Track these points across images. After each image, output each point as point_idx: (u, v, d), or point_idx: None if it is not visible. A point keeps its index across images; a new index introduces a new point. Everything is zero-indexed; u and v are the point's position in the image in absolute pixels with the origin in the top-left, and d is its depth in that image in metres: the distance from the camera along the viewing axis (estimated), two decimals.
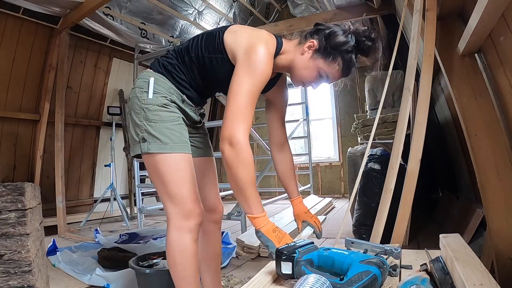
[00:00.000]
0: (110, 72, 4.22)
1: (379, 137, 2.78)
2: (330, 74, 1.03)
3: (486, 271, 0.68)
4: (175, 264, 0.98)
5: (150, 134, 0.98)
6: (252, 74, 0.92)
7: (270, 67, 0.96)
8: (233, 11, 4.74)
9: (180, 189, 0.98)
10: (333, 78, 1.05)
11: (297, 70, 1.04)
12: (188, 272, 0.98)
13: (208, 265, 1.19)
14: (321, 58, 1.01)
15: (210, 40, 1.04)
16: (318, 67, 1.01)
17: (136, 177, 3.33)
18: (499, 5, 1.05)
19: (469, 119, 1.44)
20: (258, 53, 0.94)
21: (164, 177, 0.98)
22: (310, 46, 1.02)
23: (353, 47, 1.00)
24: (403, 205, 1.44)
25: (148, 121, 0.99)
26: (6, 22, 3.04)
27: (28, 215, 1.17)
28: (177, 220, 0.98)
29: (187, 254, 0.98)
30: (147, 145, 0.98)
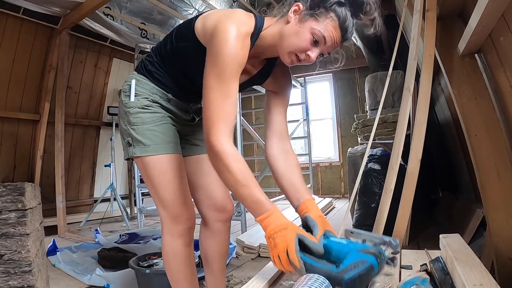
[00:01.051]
0: (110, 72, 4.22)
1: (379, 137, 2.78)
2: (326, 34, 0.82)
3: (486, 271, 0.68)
4: (170, 268, 0.99)
5: (133, 138, 0.96)
6: (216, 63, 0.80)
7: (239, 49, 0.81)
8: None
9: (167, 192, 0.95)
10: (331, 41, 0.84)
11: (286, 40, 0.84)
12: (183, 276, 0.99)
13: (212, 265, 1.14)
14: (310, 18, 0.82)
15: (183, 29, 0.95)
16: (310, 28, 0.82)
17: (136, 177, 3.33)
18: (499, 5, 1.06)
19: (469, 119, 1.44)
20: (221, 35, 0.80)
21: (152, 180, 0.96)
22: (296, 10, 0.84)
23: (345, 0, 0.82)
24: (403, 205, 1.45)
25: (131, 125, 0.96)
26: (6, 22, 3.04)
27: (28, 215, 1.17)
28: (168, 225, 0.97)
29: (180, 258, 0.97)
30: (132, 149, 0.96)
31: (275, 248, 0.72)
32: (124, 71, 4.40)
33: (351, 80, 5.32)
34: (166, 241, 0.97)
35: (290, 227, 0.73)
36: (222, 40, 0.79)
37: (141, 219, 3.17)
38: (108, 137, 3.89)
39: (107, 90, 4.24)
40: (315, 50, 0.85)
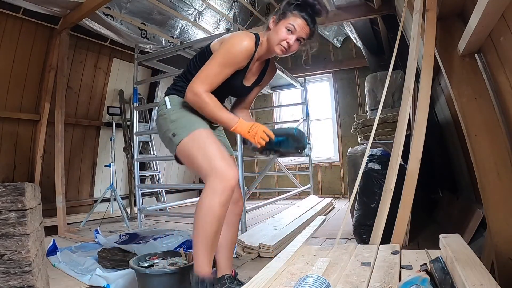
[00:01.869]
0: (110, 72, 4.22)
1: (379, 137, 2.78)
2: (294, 23, 1.24)
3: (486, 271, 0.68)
4: (203, 219, 1.11)
5: (176, 129, 1.24)
6: (222, 51, 1.23)
7: (241, 49, 1.23)
8: (233, 11, 4.74)
9: (213, 148, 1.18)
10: (299, 28, 1.24)
11: (271, 39, 1.28)
12: (214, 229, 1.11)
13: (224, 250, 1.38)
14: (282, 19, 1.26)
15: (201, 54, 1.35)
16: (283, 24, 1.25)
17: (136, 177, 3.33)
18: (499, 5, 1.06)
19: (469, 119, 1.44)
20: (232, 39, 1.25)
21: (198, 148, 1.19)
22: (272, 21, 1.30)
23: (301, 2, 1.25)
24: (403, 205, 1.45)
25: (172, 122, 1.26)
26: (6, 22, 3.03)
27: (28, 215, 1.17)
28: (213, 181, 1.12)
29: (214, 214, 1.10)
30: (178, 137, 1.22)
31: (257, 134, 1.20)
32: (124, 71, 4.40)
33: (351, 80, 5.32)
34: (206, 195, 1.11)
35: (256, 123, 1.24)
36: (233, 41, 1.24)
37: (141, 219, 3.17)
38: (108, 137, 3.88)
39: (107, 90, 4.23)
40: (292, 37, 1.25)
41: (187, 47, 3.04)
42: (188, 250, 1.62)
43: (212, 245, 1.14)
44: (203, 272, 1.12)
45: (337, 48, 5.42)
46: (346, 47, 5.36)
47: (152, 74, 4.79)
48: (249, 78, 1.43)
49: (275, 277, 0.84)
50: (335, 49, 5.45)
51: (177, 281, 1.34)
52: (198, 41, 3.07)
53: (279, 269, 0.89)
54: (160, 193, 4.65)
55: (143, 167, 4.56)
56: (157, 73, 4.60)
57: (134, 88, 3.41)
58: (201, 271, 1.12)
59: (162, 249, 1.70)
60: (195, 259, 1.14)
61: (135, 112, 3.70)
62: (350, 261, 1.02)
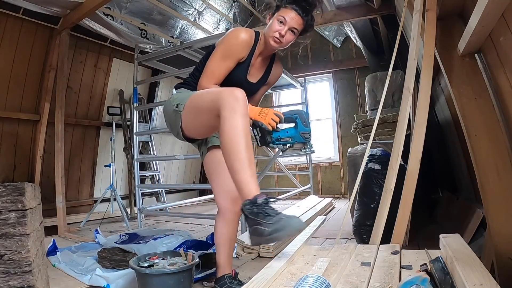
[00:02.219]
0: (110, 72, 4.22)
1: (379, 137, 2.78)
2: (285, 15, 1.30)
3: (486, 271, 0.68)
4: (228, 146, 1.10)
5: (179, 101, 1.31)
6: (221, 45, 1.33)
7: (238, 40, 1.31)
8: (233, 11, 4.74)
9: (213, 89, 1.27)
10: (290, 19, 1.30)
11: (266, 32, 1.36)
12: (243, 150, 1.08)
13: (223, 249, 1.41)
14: (275, 14, 1.34)
15: (208, 53, 1.40)
16: (276, 18, 1.32)
17: (136, 177, 3.33)
18: (499, 5, 1.06)
19: (469, 119, 1.44)
20: (229, 33, 1.33)
21: (200, 96, 1.25)
22: (268, 18, 1.38)
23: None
24: (403, 205, 1.45)
25: (175, 99, 1.34)
26: (6, 22, 3.03)
27: (28, 215, 1.17)
28: (224, 103, 1.12)
29: (238, 131, 1.09)
30: (181, 105, 1.28)
31: (267, 115, 1.26)
32: (124, 71, 4.40)
33: (351, 80, 5.32)
34: (226, 118, 1.10)
35: (263, 108, 1.30)
36: (230, 34, 1.33)
37: (141, 219, 3.17)
38: (108, 137, 3.88)
39: (107, 90, 4.23)
40: (284, 28, 1.31)
41: (187, 47, 3.04)
42: (188, 250, 1.63)
43: (250, 162, 1.08)
44: (252, 193, 1.04)
45: (337, 48, 5.42)
46: (346, 47, 5.36)
47: (152, 74, 4.79)
48: (254, 74, 1.45)
49: (275, 277, 0.84)
50: (335, 49, 5.45)
51: (177, 281, 1.34)
52: (198, 41, 3.07)
53: (279, 269, 0.89)
54: (160, 193, 4.65)
55: (143, 167, 4.56)
56: (157, 73, 4.60)
57: (134, 88, 3.41)
58: (251, 192, 1.04)
59: (162, 249, 1.70)
60: (242, 186, 1.06)
61: (135, 112, 3.70)
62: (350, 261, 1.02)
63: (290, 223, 0.94)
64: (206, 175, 1.49)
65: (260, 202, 1.01)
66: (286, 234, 0.94)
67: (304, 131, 1.32)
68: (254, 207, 1.00)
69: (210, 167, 1.45)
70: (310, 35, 1.42)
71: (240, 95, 1.12)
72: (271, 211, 0.99)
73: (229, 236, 1.43)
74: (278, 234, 0.93)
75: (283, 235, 0.94)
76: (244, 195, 1.05)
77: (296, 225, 0.95)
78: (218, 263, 1.42)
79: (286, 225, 0.94)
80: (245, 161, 1.06)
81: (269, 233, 0.94)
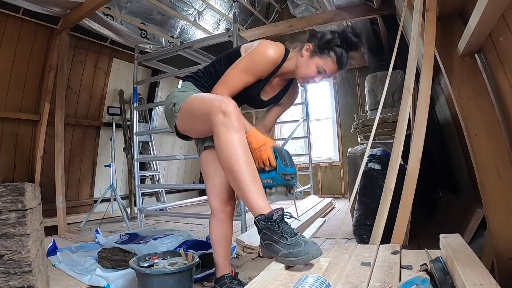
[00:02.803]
0: (110, 73, 4.22)
1: (379, 137, 2.78)
2: (326, 67, 1.23)
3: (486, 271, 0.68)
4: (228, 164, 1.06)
5: (177, 99, 1.28)
6: (247, 58, 1.24)
7: (266, 59, 1.23)
8: (233, 11, 4.74)
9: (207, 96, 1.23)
10: (330, 71, 1.25)
11: (300, 69, 1.27)
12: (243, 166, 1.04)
13: (219, 248, 1.42)
14: (317, 56, 1.23)
15: (229, 54, 1.34)
16: (316, 63, 1.23)
17: (136, 177, 3.33)
18: (499, 5, 1.05)
19: (469, 119, 1.44)
20: (258, 47, 1.24)
21: (195, 102, 1.22)
22: (307, 48, 1.26)
23: (341, 41, 1.22)
24: (403, 205, 1.44)
25: (175, 97, 1.30)
26: (6, 22, 3.03)
27: (28, 216, 1.17)
28: (216, 118, 1.08)
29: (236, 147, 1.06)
30: (177, 105, 1.26)
31: (264, 154, 1.17)
32: (124, 71, 4.40)
33: (351, 80, 5.32)
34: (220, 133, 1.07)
35: (267, 142, 1.20)
36: (259, 49, 1.24)
37: (141, 219, 3.17)
38: (108, 137, 3.88)
39: (107, 90, 4.23)
40: (319, 77, 1.27)
41: (187, 47, 3.04)
42: (188, 250, 1.62)
43: (254, 177, 1.04)
44: (264, 209, 1.01)
45: None
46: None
47: (152, 74, 4.79)
48: (268, 92, 1.40)
49: (275, 278, 0.84)
50: None
51: (177, 281, 1.34)
52: (198, 41, 3.07)
53: (279, 270, 0.89)
54: (160, 193, 4.65)
55: (143, 167, 4.56)
56: (157, 73, 4.60)
57: (134, 88, 3.41)
58: (261, 210, 1.01)
59: (162, 249, 1.70)
60: (252, 204, 1.02)
61: (135, 112, 3.70)
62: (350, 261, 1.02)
63: (308, 251, 0.90)
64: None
65: (275, 218, 0.99)
66: (302, 261, 0.91)
67: (284, 171, 1.17)
68: (269, 223, 0.98)
69: (204, 167, 1.45)
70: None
71: (230, 109, 1.06)
72: (288, 230, 0.97)
73: (224, 236, 1.43)
74: (294, 259, 0.90)
75: (298, 261, 0.91)
76: (255, 212, 1.02)
77: (315, 253, 0.91)
78: (216, 263, 1.43)
79: (303, 252, 0.90)
80: (248, 178, 1.03)
81: (285, 254, 0.92)
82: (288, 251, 0.92)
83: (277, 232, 0.97)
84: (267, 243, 0.98)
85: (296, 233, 0.98)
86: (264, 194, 1.05)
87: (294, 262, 0.91)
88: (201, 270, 1.63)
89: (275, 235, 0.96)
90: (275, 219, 0.99)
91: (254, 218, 1.03)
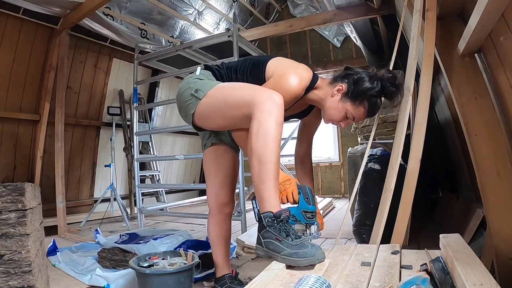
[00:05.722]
0: (110, 72, 4.22)
1: (379, 137, 2.78)
2: (356, 116, 1.18)
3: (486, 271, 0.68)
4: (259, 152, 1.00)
5: (201, 85, 1.17)
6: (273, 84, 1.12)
7: (291, 95, 1.13)
8: (233, 11, 4.74)
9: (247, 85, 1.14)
10: (358, 119, 1.21)
11: (328, 110, 1.21)
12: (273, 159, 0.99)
13: (218, 249, 1.43)
14: (349, 101, 1.17)
15: (255, 68, 1.24)
16: (346, 109, 1.17)
17: (136, 177, 3.33)
18: (499, 5, 1.05)
19: (469, 119, 1.44)
20: (287, 80, 1.12)
21: (231, 89, 1.13)
22: (339, 89, 1.18)
23: (378, 92, 1.16)
24: (403, 205, 1.44)
25: (195, 82, 1.19)
26: (6, 22, 3.03)
27: (28, 215, 1.17)
28: (262, 105, 1.00)
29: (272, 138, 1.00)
30: (202, 92, 1.15)
31: (287, 190, 1.12)
32: (124, 71, 4.40)
33: None
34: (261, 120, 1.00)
35: (292, 178, 1.15)
36: (284, 80, 1.13)
37: (141, 219, 3.17)
38: (108, 137, 3.89)
39: (107, 90, 4.23)
40: (346, 122, 1.22)
41: (187, 47, 3.04)
42: (188, 250, 1.63)
43: (277, 174, 1.01)
44: (274, 208, 0.98)
45: (337, 48, 5.42)
46: (346, 47, 5.36)
47: (152, 74, 4.80)
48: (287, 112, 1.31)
49: (275, 278, 0.84)
50: (335, 49, 5.45)
51: (177, 281, 1.34)
52: (198, 41, 3.07)
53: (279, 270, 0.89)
54: (160, 193, 4.65)
55: (143, 167, 4.56)
56: (157, 73, 4.61)
57: (134, 88, 3.42)
58: (272, 207, 0.98)
59: (162, 249, 1.70)
60: (265, 198, 0.99)
61: (135, 112, 3.70)
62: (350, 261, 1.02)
63: (314, 253, 0.89)
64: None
65: (283, 218, 0.97)
66: (307, 262, 0.89)
67: (306, 208, 1.14)
68: (275, 222, 0.97)
69: (206, 165, 1.44)
70: None
71: (279, 101, 1.01)
72: (293, 231, 0.96)
73: (223, 236, 1.44)
74: (299, 260, 0.89)
75: (303, 262, 0.89)
76: (264, 207, 0.99)
77: (320, 257, 0.90)
78: (215, 263, 1.43)
79: (310, 254, 0.89)
80: (274, 173, 0.99)
81: (289, 254, 0.90)
82: (293, 251, 0.90)
83: (283, 231, 0.95)
84: (267, 241, 0.96)
85: (301, 236, 0.97)
86: (279, 192, 1.03)
87: (298, 263, 0.90)
88: (201, 270, 1.63)
89: (280, 234, 0.95)
90: (283, 218, 0.97)
91: (260, 213, 1.00)
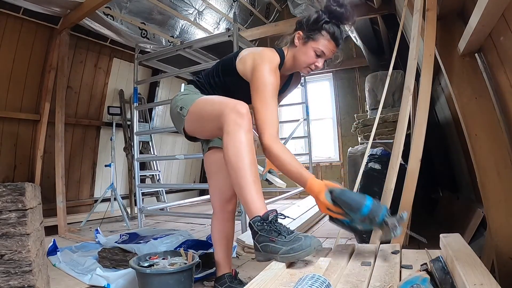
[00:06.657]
0: (110, 72, 4.22)
1: (379, 137, 2.78)
2: (324, 48, 1.20)
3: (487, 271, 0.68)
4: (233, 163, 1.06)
5: (184, 102, 1.27)
6: (259, 92, 1.15)
7: (273, 79, 1.16)
8: (233, 11, 4.74)
9: (218, 98, 1.20)
10: (329, 50, 1.21)
11: (299, 60, 1.24)
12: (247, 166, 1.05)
13: (220, 246, 1.43)
14: (310, 40, 1.20)
15: (227, 66, 1.31)
16: (312, 47, 1.20)
17: (136, 177, 3.33)
18: (499, 5, 1.05)
19: (469, 119, 1.44)
20: (259, 73, 1.16)
21: (205, 104, 1.20)
22: (298, 37, 1.23)
23: (328, 17, 1.18)
24: (403, 205, 1.44)
25: (180, 100, 1.30)
26: (6, 22, 3.03)
27: (28, 215, 1.17)
28: (228, 117, 1.07)
29: (243, 146, 1.06)
30: (185, 109, 1.24)
31: (321, 210, 1.10)
32: (124, 71, 4.40)
33: (351, 80, 5.32)
34: (229, 131, 1.07)
35: (319, 195, 1.09)
36: (261, 77, 1.15)
37: (141, 219, 3.18)
38: (108, 137, 3.89)
39: (107, 90, 4.23)
40: (320, 60, 1.23)
41: (187, 46, 3.04)
42: (189, 250, 1.63)
43: (256, 178, 1.04)
44: (260, 211, 1.00)
45: None
46: (346, 47, 5.35)
47: (152, 74, 4.80)
48: None
49: (275, 277, 0.84)
50: None
51: (178, 281, 1.34)
52: (198, 41, 3.07)
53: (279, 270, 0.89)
54: (160, 193, 4.65)
55: (143, 167, 4.56)
56: (157, 72, 4.61)
57: (134, 88, 3.42)
58: (258, 211, 1.00)
59: (163, 248, 1.70)
60: (249, 204, 1.02)
61: (135, 112, 3.70)
62: (350, 260, 1.02)
63: (309, 243, 0.90)
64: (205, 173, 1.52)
65: (271, 219, 0.98)
66: (305, 254, 0.90)
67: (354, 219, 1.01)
68: (265, 224, 0.97)
69: (207, 167, 1.47)
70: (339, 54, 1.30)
71: (244, 111, 1.07)
72: (284, 229, 0.97)
73: (225, 235, 1.44)
74: (296, 254, 0.90)
75: (301, 255, 0.90)
76: (251, 213, 1.01)
77: (316, 245, 0.91)
78: (216, 262, 1.44)
79: (305, 246, 0.90)
80: (250, 178, 1.03)
81: (285, 251, 0.90)
82: (289, 247, 0.91)
83: (274, 231, 0.96)
84: (263, 245, 0.96)
85: (293, 231, 0.97)
86: (262, 194, 1.04)
87: (296, 257, 0.90)
88: (201, 270, 1.63)
89: (272, 234, 0.95)
90: (271, 219, 0.98)
91: (249, 221, 1.01)
